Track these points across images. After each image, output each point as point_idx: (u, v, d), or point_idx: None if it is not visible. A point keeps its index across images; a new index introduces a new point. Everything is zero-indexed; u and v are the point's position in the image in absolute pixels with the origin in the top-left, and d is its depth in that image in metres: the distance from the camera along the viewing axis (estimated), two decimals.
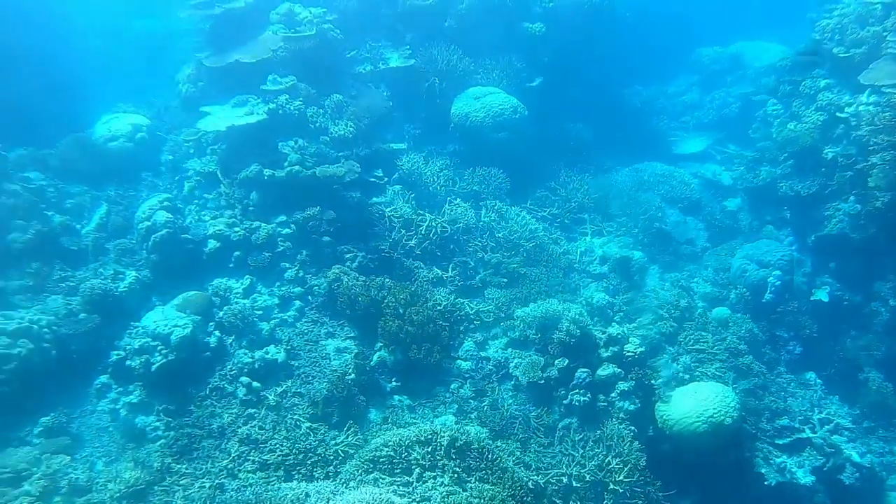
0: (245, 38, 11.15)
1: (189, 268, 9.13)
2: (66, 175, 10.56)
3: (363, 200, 9.92)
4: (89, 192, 10.46)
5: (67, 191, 10.31)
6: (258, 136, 9.97)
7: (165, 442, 7.82)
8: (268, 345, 8.59)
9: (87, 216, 10.15)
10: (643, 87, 14.48)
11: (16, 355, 7.84)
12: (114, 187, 10.67)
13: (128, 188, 10.75)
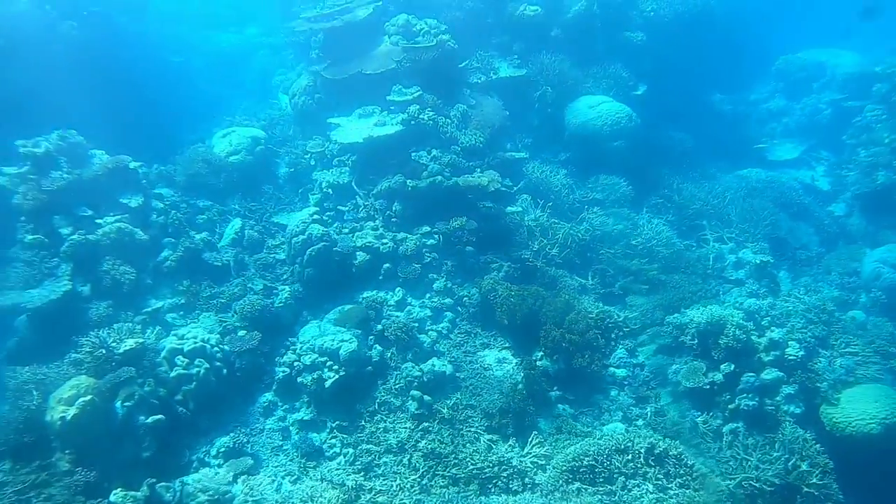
0: (358, 49, 11.17)
1: (338, 281, 9.07)
2: (191, 190, 10.46)
3: (497, 209, 9.92)
4: (216, 207, 10.36)
5: (196, 206, 10.20)
6: (391, 147, 9.96)
7: (345, 459, 7.74)
8: (430, 357, 8.54)
9: (219, 231, 10.06)
10: (721, 94, 14.68)
11: (195, 375, 7.73)
12: (237, 201, 10.58)
13: (250, 201, 10.65)
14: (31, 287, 8.42)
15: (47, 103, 11.38)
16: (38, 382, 7.38)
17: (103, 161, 9.00)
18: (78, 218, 8.81)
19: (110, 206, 8.96)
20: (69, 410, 6.83)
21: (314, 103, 11.23)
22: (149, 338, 8.09)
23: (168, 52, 14.93)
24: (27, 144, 8.73)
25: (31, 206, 8.63)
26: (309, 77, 11.41)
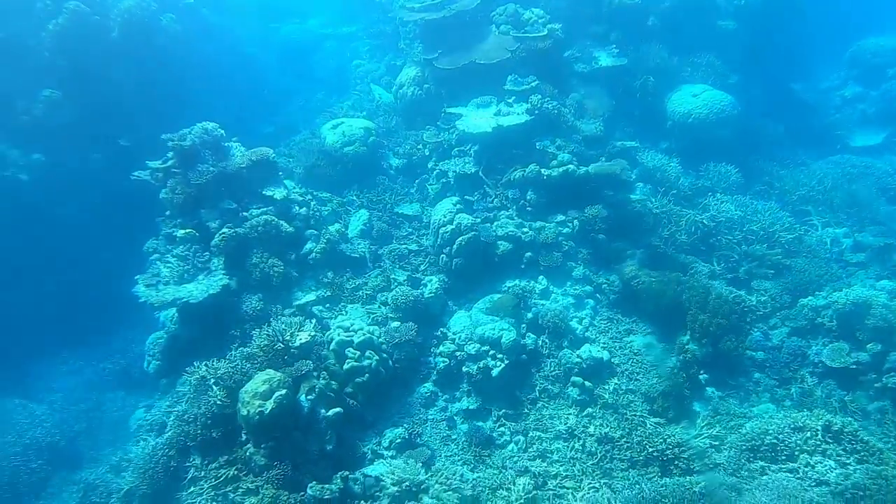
0: (462, 39, 11.15)
1: (482, 270, 9.10)
2: (309, 182, 10.40)
3: (623, 197, 10.02)
4: (335, 198, 10.31)
5: (319, 198, 10.14)
6: (516, 137, 9.98)
7: (517, 447, 7.82)
8: (583, 344, 8.63)
9: (343, 222, 10.01)
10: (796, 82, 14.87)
11: (367, 367, 7.73)
12: (355, 192, 10.54)
13: (367, 192, 10.61)
14: (186, 282, 8.34)
15: (151, 96, 11.26)
16: (216, 378, 7.32)
17: (245, 153, 8.91)
18: (224, 211, 8.73)
19: (253, 199, 8.88)
20: (266, 404, 6.79)
21: (423, 94, 11.20)
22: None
23: (242, 44, 14.72)
24: (174, 138, 8.61)
25: (181, 199, 8.54)
26: (417, 67, 11.34)
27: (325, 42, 16.15)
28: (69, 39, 10.52)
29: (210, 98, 12.45)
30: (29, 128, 10.37)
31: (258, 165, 8.83)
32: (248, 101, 14.00)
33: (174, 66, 11.69)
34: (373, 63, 14.27)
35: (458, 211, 8.97)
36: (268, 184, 8.94)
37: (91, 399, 10.16)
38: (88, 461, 9.87)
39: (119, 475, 8.08)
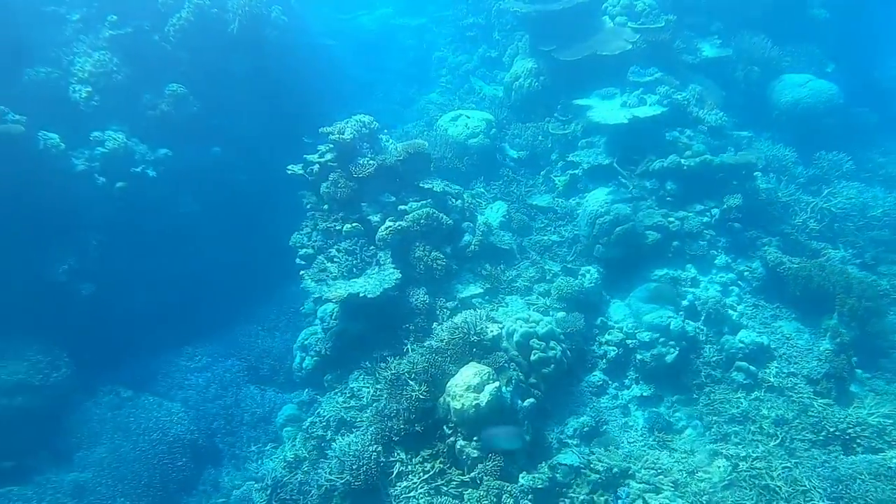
0: (572, 30, 11.20)
1: (634, 260, 9.24)
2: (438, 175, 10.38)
3: (748, 186, 10.20)
4: (466, 191, 10.33)
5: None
6: (646, 127, 10.10)
7: (696, 431, 8.01)
8: (739, 330, 8.83)
9: (479, 213, 10.06)
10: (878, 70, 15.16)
11: (552, 357, 7.83)
12: (482, 184, 10.59)
13: (492, 184, 10.67)
14: (355, 276, 8.34)
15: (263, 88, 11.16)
16: (414, 373, 7.36)
17: (400, 146, 8.90)
18: (384, 204, 8.73)
19: (410, 192, 8.89)
20: (481, 397, 6.86)
21: (539, 85, 11.23)
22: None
23: (319, 35, 14.57)
24: (334, 131, 8.57)
25: (344, 193, 8.51)
26: (532, 59, 11.36)
27: (397, 33, 16.05)
28: (191, 33, 10.36)
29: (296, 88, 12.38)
30: (155, 123, 10.20)
31: (413, 158, 8.83)
32: (329, 93, 13.88)
33: (284, 59, 11.57)
34: (461, 55, 14.22)
35: (614, 201, 9.06)
36: (422, 176, 8.95)
37: (228, 395, 10.08)
38: (229, 458, 9.84)
39: (294, 472, 8.05)
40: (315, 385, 9.12)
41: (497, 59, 13.07)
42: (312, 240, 8.88)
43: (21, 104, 9.89)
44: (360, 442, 7.13)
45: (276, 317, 11.06)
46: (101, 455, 9.27)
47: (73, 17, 10.32)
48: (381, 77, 15.22)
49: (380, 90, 14.93)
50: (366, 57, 15.50)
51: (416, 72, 15.14)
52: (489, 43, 13.44)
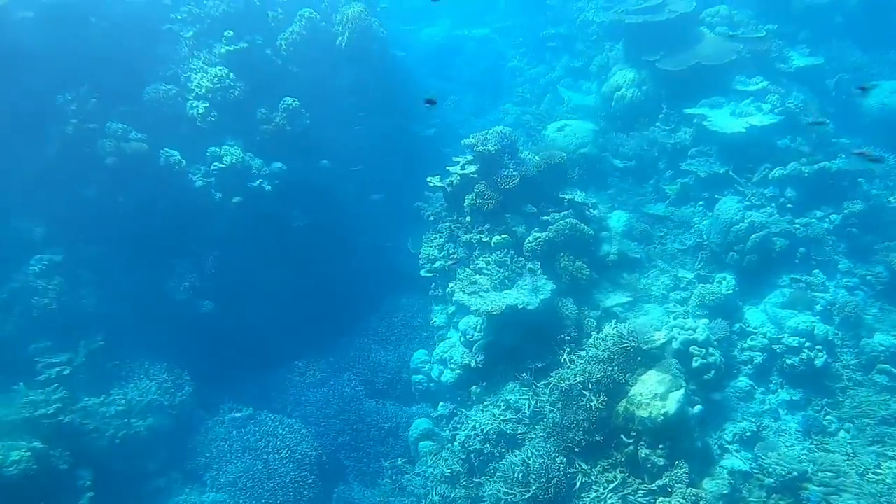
0: (672, 41, 11.34)
1: (764, 266, 9.34)
2: None
3: (859, 191, 10.38)
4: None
5: None
6: (760, 136, 10.25)
7: (849, 434, 8.10)
8: (874, 333, 8.95)
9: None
10: None
11: (712, 364, 7.90)
12: (592, 194, 10.64)
13: (602, 194, 10.75)
14: (506, 288, 8.34)
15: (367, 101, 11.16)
16: (590, 384, 7.37)
17: (539, 157, 8.94)
18: (527, 215, 8.75)
19: (549, 202, 8.92)
20: (668, 405, 6.91)
21: (642, 95, 11.33)
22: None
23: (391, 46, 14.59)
24: (477, 143, 8.59)
25: (490, 205, 8.53)
26: (633, 70, 11.46)
27: (462, 44, 16.12)
28: (302, 46, 10.34)
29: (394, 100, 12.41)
30: (270, 136, 10.14)
31: (552, 169, 8.87)
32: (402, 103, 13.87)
33: (382, 71, 11.59)
34: (539, 66, 14.32)
35: (745, 209, 9.18)
36: (559, 187, 8.99)
37: (351, 410, 9.98)
38: (356, 474, 9.74)
39: (455, 487, 8.00)
40: (455, 398, 9.07)
41: (581, 70, 13.18)
42: (448, 252, 8.86)
43: (141, 121, 9.84)
44: (544, 454, 7.11)
45: (386, 330, 10.97)
46: (235, 475, 9.12)
47: (187, 34, 10.25)
48: (450, 87, 15.25)
49: (451, 100, 14.95)
50: (433, 68, 15.53)
51: (487, 82, 15.20)
52: (572, 54, 13.56)
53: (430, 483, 8.24)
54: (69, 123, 9.09)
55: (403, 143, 12.72)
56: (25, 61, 9.05)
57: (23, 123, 9.19)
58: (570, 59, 13.48)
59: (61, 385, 8.57)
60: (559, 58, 13.84)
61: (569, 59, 13.51)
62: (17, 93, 9.11)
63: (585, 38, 12.92)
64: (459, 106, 14.99)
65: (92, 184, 9.33)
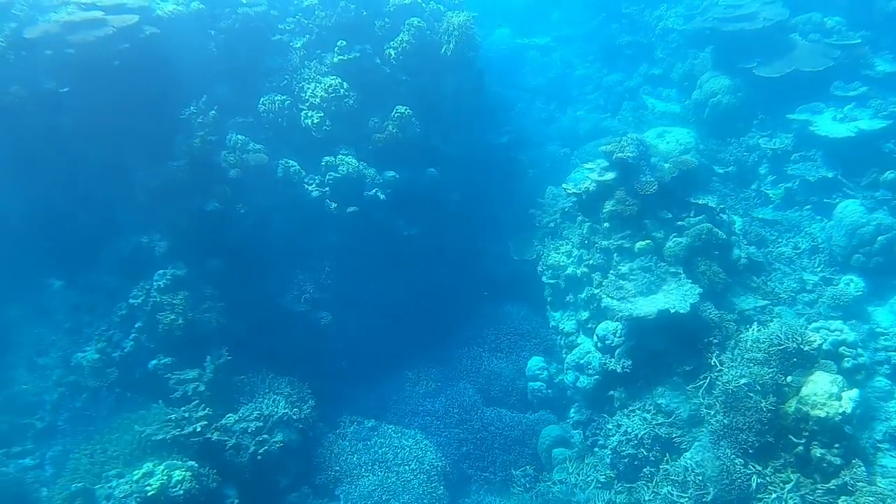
0: (761, 48, 11.53)
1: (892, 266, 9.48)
2: None
3: None
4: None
5: None
6: (864, 140, 10.44)
7: None
8: None
9: None
10: None
11: (863, 365, 7.98)
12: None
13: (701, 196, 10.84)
14: (652, 293, 8.38)
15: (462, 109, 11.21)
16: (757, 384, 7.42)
17: (671, 164, 9.02)
18: (663, 221, 8.81)
19: (681, 208, 8.99)
20: (844, 405, 6.97)
21: (737, 101, 11.48)
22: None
23: None
24: (615, 150, 8.64)
25: (632, 211, 8.58)
26: (727, 76, 11.60)
27: (524, 52, 16.22)
28: (410, 55, 10.33)
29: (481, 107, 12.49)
30: (382, 145, 10.10)
31: (684, 175, 8.95)
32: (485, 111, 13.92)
33: (478, 78, 11.63)
34: (614, 73, 14.44)
35: (867, 211, 9.33)
36: (690, 192, 9.07)
37: (474, 419, 9.92)
38: (481, 483, 9.67)
39: (611, 492, 7.99)
40: (590, 405, 9.07)
41: (661, 77, 13.34)
42: (581, 259, 8.89)
43: (256, 132, 9.77)
44: (721, 456, 7.13)
45: (495, 338, 10.94)
46: (368, 488, 9.00)
47: (297, 44, 10.19)
48: (517, 94, 15.32)
49: (518, 107, 15.02)
50: (499, 76, 15.58)
51: (553, 90, 15.30)
52: (650, 61, 13.71)
53: (581, 490, 8.21)
54: (196, 136, 8.96)
55: (481, 150, 12.74)
56: (153, 76, 8.96)
57: (149, 138, 9.08)
58: (649, 66, 13.63)
59: (202, 402, 8.41)
60: (636, 66, 13.98)
61: (647, 66, 13.66)
62: (145, 107, 9.01)
63: (665, 45, 13.09)
64: (528, 113, 15.04)
65: (214, 197, 9.20)
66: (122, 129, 9.17)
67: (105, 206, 9.70)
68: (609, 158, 8.78)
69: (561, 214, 10.14)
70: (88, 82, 8.74)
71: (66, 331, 9.91)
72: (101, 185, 9.52)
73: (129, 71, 8.78)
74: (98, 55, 8.44)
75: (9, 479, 8.37)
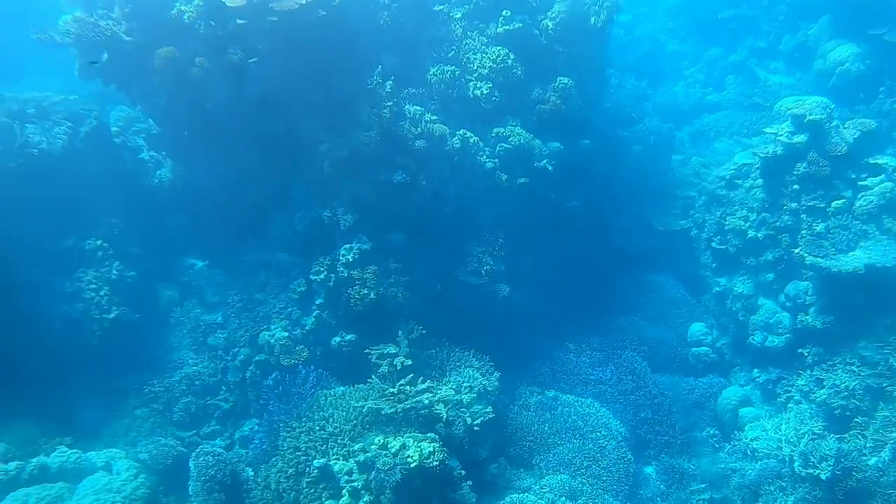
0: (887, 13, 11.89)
1: None
2: None
3: None
4: None
5: None
6: None
7: None
8: None
9: None
10: None
11: None
12: None
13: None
14: (850, 250, 8.61)
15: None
16: None
17: (852, 124, 9.27)
18: (849, 181, 9.05)
19: (859, 169, 9.25)
20: None
21: (865, 69, 11.77)
22: None
23: None
24: (805, 113, 8.81)
25: (824, 173, 8.83)
26: (853, 44, 11.88)
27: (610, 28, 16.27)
28: (565, 26, 10.32)
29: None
30: (548, 116, 10.09)
31: (865, 136, 9.20)
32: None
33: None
34: (714, 48, 14.65)
35: None
36: (868, 153, 9.33)
37: (648, 385, 10.04)
38: (661, 447, 9.80)
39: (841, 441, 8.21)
40: (778, 364, 9.29)
41: (768, 50, 13.61)
42: (765, 222, 9.08)
43: (426, 104, 9.66)
44: None
45: (650, 306, 11.09)
46: (567, 456, 9.04)
47: (457, 14, 10.08)
48: (608, 72, 15.40)
49: (611, 83, 15.11)
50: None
51: (645, 66, 15.44)
52: (755, 34, 13.95)
53: (790, 444, 8.40)
54: (384, 106, 8.80)
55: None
56: (338, 46, 8.76)
57: (331, 109, 8.90)
58: (754, 39, 13.88)
59: (415, 375, 8.31)
60: (739, 40, 14.21)
61: (753, 39, 13.90)
62: (328, 77, 8.82)
63: (772, 18, 13.35)
64: (621, 89, 15.16)
65: (399, 168, 9.06)
66: (305, 101, 8.98)
67: (276, 181, 9.48)
68: (798, 122, 8.96)
69: (726, 182, 10.29)
70: (281, 52, 8.52)
71: (237, 310, 9.68)
72: (275, 158, 9.30)
73: (319, 40, 8.57)
74: (298, 23, 8.21)
75: (221, 460, 8.13)
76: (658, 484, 9.39)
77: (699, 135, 12.84)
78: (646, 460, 9.77)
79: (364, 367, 9.10)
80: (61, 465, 7.14)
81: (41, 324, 8.78)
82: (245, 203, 9.69)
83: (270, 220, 9.78)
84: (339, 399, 8.45)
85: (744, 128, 11.91)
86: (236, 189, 9.55)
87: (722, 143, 11.24)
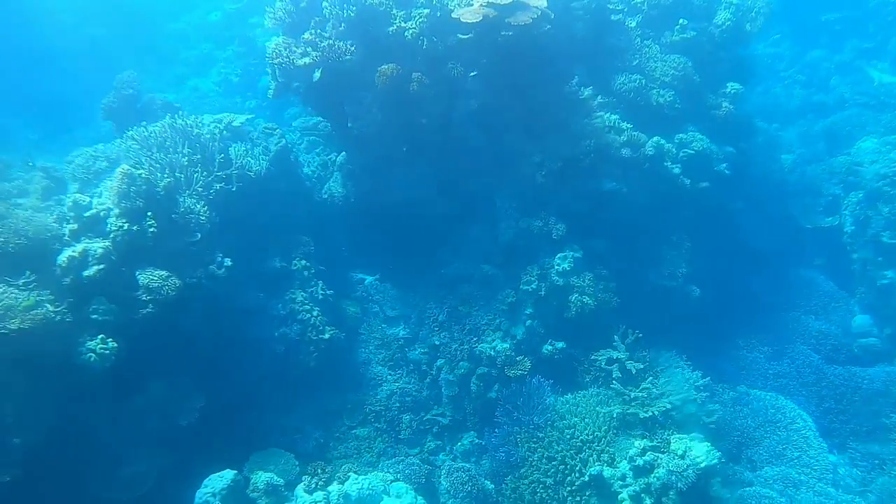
0: None
1: None
2: None
3: None
4: None
5: None
6: None
7: None
8: None
9: None
10: None
11: None
12: None
13: None
14: None
15: None
16: None
17: None
18: None
19: None
20: None
21: None
22: None
23: None
24: None
25: None
26: None
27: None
28: (729, 33, 10.67)
29: None
30: (721, 121, 10.42)
31: None
32: None
33: None
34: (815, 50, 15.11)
35: None
36: None
37: (828, 377, 10.41)
38: (847, 434, 10.17)
39: None
40: None
41: (874, 51, 14.17)
42: None
43: (612, 111, 9.86)
44: None
45: (808, 301, 11.49)
46: (776, 448, 9.46)
47: (632, 23, 10.31)
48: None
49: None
50: None
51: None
52: (860, 36, 14.47)
53: None
54: (595, 117, 8.98)
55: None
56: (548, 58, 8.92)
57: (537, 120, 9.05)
58: (860, 41, 14.41)
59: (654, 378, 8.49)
60: (842, 41, 14.72)
61: (858, 41, 14.43)
62: (535, 89, 8.95)
63: (880, 19, 13.90)
64: None
65: (607, 176, 9.24)
66: (511, 112, 9.09)
67: (474, 193, 9.56)
68: None
69: (890, 180, 10.73)
70: (501, 65, 8.61)
71: (440, 324, 9.70)
72: (476, 170, 9.39)
73: (532, 53, 8.70)
74: (524, 37, 8.32)
75: (472, 475, 8.18)
76: (851, 469, 9.77)
77: (826, 135, 13.23)
78: (835, 448, 10.13)
79: (568, 373, 9.30)
80: (359, 492, 7.09)
81: (265, 348, 8.68)
82: (433, 216, 9.75)
83: (462, 233, 9.86)
84: (575, 407, 8.58)
85: (881, 126, 12.37)
86: (426, 203, 9.60)
87: (868, 142, 11.70)
